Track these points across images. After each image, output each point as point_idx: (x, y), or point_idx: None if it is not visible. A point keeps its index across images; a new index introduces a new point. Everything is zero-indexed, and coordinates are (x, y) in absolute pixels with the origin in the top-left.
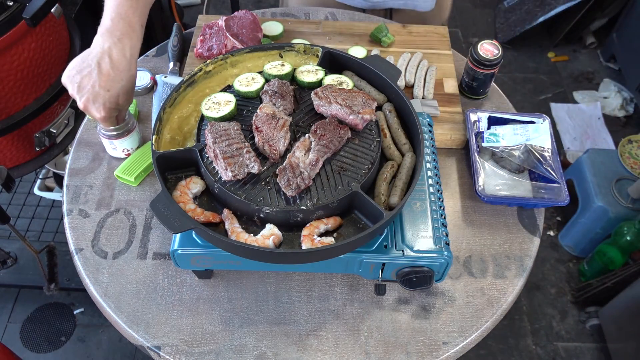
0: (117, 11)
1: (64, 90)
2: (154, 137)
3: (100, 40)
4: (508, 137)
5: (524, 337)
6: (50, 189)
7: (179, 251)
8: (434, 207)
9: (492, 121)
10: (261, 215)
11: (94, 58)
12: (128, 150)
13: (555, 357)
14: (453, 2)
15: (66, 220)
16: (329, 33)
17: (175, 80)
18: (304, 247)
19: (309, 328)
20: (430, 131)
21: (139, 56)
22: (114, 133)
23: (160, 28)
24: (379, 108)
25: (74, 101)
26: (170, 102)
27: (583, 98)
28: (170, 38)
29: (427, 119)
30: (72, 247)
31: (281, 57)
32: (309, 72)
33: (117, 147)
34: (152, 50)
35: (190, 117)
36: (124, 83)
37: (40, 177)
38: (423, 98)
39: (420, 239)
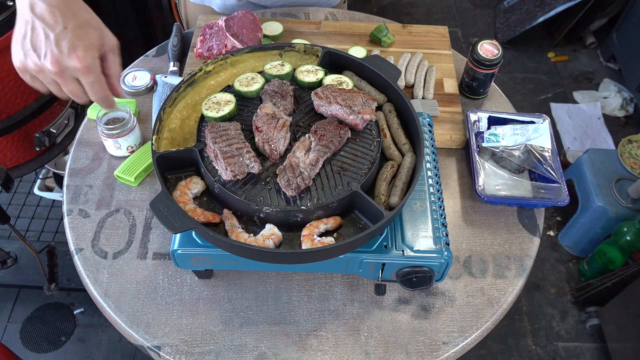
0: None
1: None
2: (154, 137)
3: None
4: (508, 137)
5: (524, 337)
6: (50, 189)
7: (179, 251)
8: (434, 207)
9: (492, 121)
10: (261, 215)
11: (26, 15)
12: (132, 147)
13: (555, 357)
14: (452, 2)
15: (66, 220)
16: (329, 33)
17: (175, 80)
18: (304, 247)
19: (309, 328)
20: (430, 131)
21: (139, 56)
22: (117, 131)
23: (160, 28)
24: (379, 108)
25: (74, 101)
26: (170, 102)
27: (583, 98)
28: (170, 38)
29: (427, 119)
30: (72, 247)
31: (281, 57)
32: (309, 72)
33: (121, 146)
34: (152, 50)
35: (190, 117)
36: (80, 14)
37: (40, 177)
38: (423, 98)
39: (420, 239)
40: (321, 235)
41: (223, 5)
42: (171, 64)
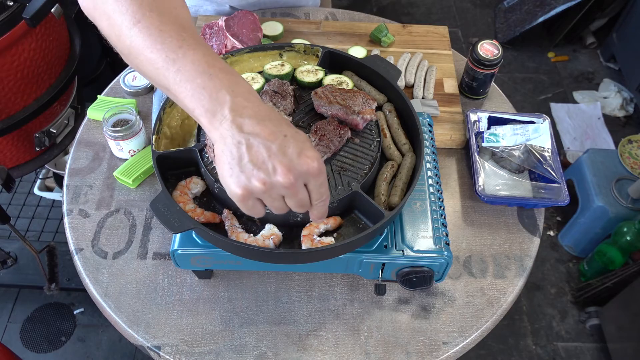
0: (202, 70)
1: (64, 90)
2: (154, 137)
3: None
4: (508, 137)
5: (524, 337)
6: (50, 189)
7: (179, 251)
8: (434, 207)
9: (492, 121)
10: None
11: (234, 137)
12: (134, 151)
13: (555, 357)
14: (452, 2)
15: (66, 220)
16: (329, 33)
17: None
18: (304, 247)
19: (309, 328)
20: (430, 131)
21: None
22: (122, 134)
23: None
24: (379, 108)
25: (74, 101)
26: (171, 102)
27: (583, 98)
28: None
29: (427, 119)
30: (72, 247)
31: (281, 57)
32: (309, 72)
33: (123, 149)
34: None
35: (190, 116)
36: (284, 118)
37: (40, 177)
38: (423, 98)
39: (420, 239)
40: (321, 235)
41: None
42: None
